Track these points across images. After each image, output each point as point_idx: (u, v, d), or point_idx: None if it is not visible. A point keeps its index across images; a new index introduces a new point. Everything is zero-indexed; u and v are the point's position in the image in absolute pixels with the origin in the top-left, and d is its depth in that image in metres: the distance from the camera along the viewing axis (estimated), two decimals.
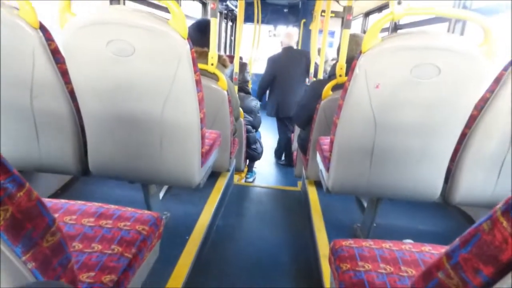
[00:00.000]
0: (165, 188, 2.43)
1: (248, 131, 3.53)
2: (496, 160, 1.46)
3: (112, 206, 1.16)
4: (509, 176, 1.48)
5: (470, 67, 1.24)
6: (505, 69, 1.33)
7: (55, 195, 2.22)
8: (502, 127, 1.38)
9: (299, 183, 3.29)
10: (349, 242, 1.09)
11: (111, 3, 2.58)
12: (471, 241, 0.49)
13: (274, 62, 4.33)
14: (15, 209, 0.49)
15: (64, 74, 1.40)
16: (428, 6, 1.33)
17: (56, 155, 1.58)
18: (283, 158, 4.92)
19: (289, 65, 4.26)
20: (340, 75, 2.22)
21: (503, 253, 0.43)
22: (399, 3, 1.26)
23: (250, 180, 4.15)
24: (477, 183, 1.52)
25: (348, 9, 2.20)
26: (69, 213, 1.09)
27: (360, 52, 1.32)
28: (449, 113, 1.35)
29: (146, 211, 1.16)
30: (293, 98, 4.23)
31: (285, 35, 4.44)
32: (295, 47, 4.39)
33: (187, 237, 1.91)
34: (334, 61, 2.79)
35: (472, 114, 1.38)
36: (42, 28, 1.34)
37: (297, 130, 3.54)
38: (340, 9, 5.06)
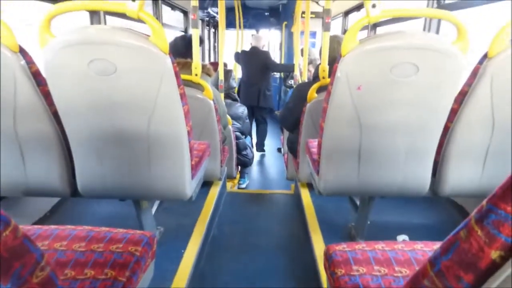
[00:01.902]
0: (157, 202, 2.42)
1: (237, 138, 3.53)
2: (480, 150, 1.49)
3: (104, 228, 1.15)
4: (493, 164, 1.51)
5: (447, 63, 1.27)
6: (480, 62, 1.37)
7: (44, 218, 2.19)
8: (483, 118, 1.41)
9: (292, 186, 3.30)
10: (342, 246, 1.10)
11: (91, 21, 2.57)
12: (451, 248, 0.49)
13: (241, 54, 5.43)
14: (1, 248, 0.48)
15: (46, 96, 1.38)
16: (402, 7, 1.36)
17: (43, 178, 1.55)
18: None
19: (250, 60, 5.23)
20: (324, 77, 2.24)
21: (481, 261, 0.44)
22: (373, 6, 1.28)
23: (243, 186, 4.14)
24: (463, 174, 1.55)
25: (326, 12, 2.21)
26: (59, 239, 1.08)
27: (340, 55, 1.34)
28: (430, 109, 1.38)
29: (138, 231, 1.15)
30: (250, 89, 5.25)
31: (253, 37, 5.49)
32: (261, 48, 5.27)
33: (183, 251, 1.90)
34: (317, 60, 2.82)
35: (453, 108, 1.41)
36: (22, 51, 1.32)
37: (286, 133, 3.56)
38: (320, 9, 5.11)
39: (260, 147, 5.65)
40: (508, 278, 0.42)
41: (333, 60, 1.96)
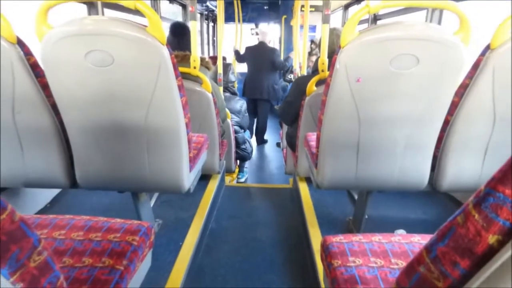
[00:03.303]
0: (156, 195, 2.42)
1: (236, 132, 3.53)
2: (480, 144, 1.48)
3: (102, 218, 1.15)
4: (493, 159, 1.50)
5: (448, 55, 1.26)
6: (482, 54, 1.35)
7: (45, 209, 2.20)
8: (483, 112, 1.40)
9: (291, 180, 3.30)
10: (339, 238, 1.10)
11: (89, 13, 2.55)
12: (447, 234, 0.49)
13: (248, 50, 5.46)
14: None
15: (45, 87, 1.38)
16: None
17: (42, 169, 1.56)
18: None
19: (258, 55, 5.31)
20: (323, 70, 2.23)
21: (477, 246, 0.44)
22: None
23: (242, 180, 4.14)
24: (463, 168, 1.55)
25: (326, 4, 2.20)
26: (58, 228, 1.08)
27: (339, 47, 1.33)
28: (430, 102, 1.37)
29: (135, 221, 1.15)
30: (257, 83, 5.33)
31: (260, 32, 5.58)
32: (267, 43, 5.35)
33: (181, 243, 1.91)
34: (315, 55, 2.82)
35: (453, 101, 1.40)
36: (20, 43, 1.32)
37: (285, 127, 3.55)
38: (319, 3, 5.09)
39: (261, 139, 5.76)
40: (505, 263, 0.41)
41: (332, 53, 1.95)
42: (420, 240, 1.09)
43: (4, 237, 0.49)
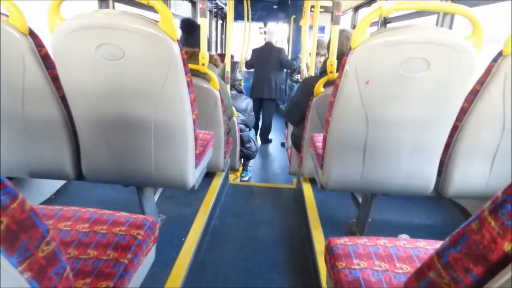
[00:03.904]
0: (159, 190, 2.43)
1: (241, 130, 3.52)
2: (488, 152, 1.47)
3: (107, 211, 1.16)
4: (501, 167, 1.49)
5: (459, 60, 1.25)
6: (494, 60, 1.34)
7: (49, 200, 2.21)
8: (493, 119, 1.39)
9: (294, 181, 3.30)
10: (343, 240, 1.09)
11: (100, 6, 2.56)
12: (460, 240, 0.49)
13: (255, 52, 5.52)
14: (9, 220, 0.49)
15: (55, 79, 1.39)
16: (416, 0, 1.34)
17: (49, 160, 1.57)
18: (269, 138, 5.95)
19: (265, 56, 5.34)
20: (331, 72, 2.22)
21: (492, 253, 0.43)
22: None
23: (245, 179, 4.14)
24: (470, 175, 1.53)
25: (336, 5, 2.19)
26: (64, 219, 1.09)
27: (350, 49, 1.33)
28: (440, 107, 1.36)
29: (141, 216, 1.16)
30: (264, 83, 5.39)
31: (267, 31, 5.70)
32: (274, 43, 5.41)
33: (184, 239, 1.91)
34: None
35: (463, 106, 1.39)
36: (32, 34, 1.32)
37: (290, 127, 3.55)
38: (329, 4, 5.08)
39: (265, 139, 5.77)
40: None
41: (341, 55, 1.95)
42: (426, 246, 1.09)
43: (14, 226, 0.50)
